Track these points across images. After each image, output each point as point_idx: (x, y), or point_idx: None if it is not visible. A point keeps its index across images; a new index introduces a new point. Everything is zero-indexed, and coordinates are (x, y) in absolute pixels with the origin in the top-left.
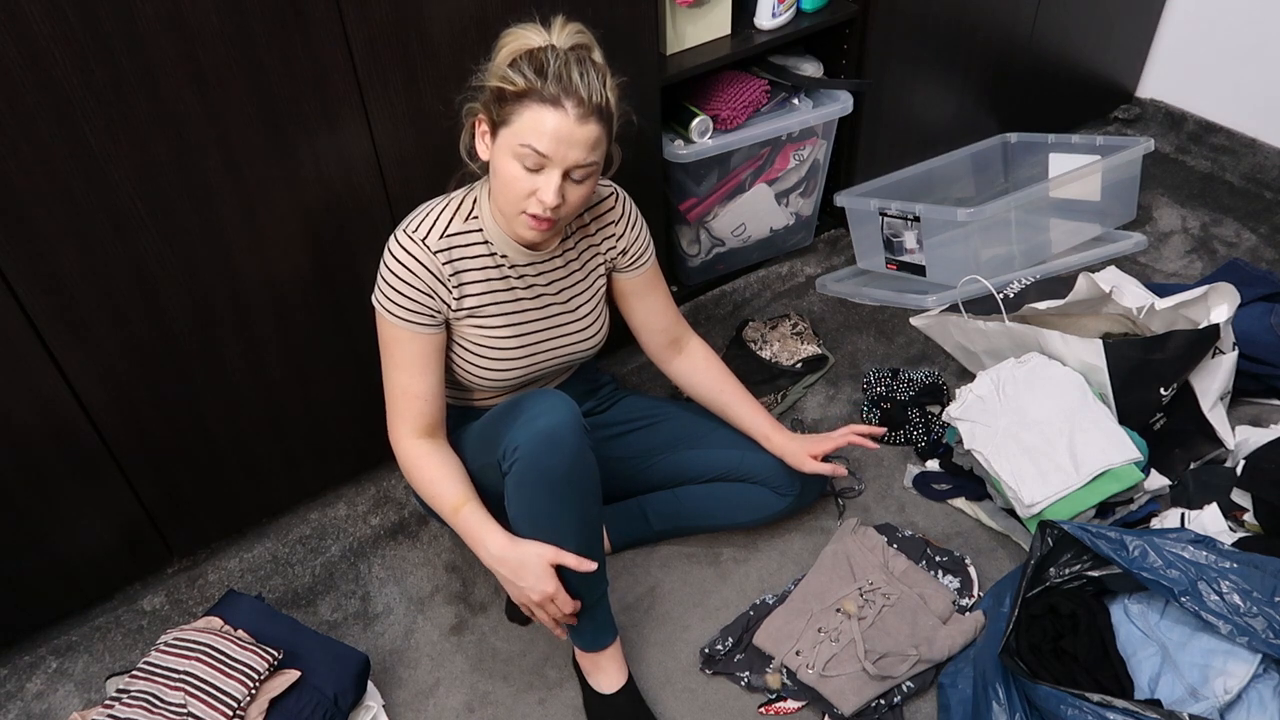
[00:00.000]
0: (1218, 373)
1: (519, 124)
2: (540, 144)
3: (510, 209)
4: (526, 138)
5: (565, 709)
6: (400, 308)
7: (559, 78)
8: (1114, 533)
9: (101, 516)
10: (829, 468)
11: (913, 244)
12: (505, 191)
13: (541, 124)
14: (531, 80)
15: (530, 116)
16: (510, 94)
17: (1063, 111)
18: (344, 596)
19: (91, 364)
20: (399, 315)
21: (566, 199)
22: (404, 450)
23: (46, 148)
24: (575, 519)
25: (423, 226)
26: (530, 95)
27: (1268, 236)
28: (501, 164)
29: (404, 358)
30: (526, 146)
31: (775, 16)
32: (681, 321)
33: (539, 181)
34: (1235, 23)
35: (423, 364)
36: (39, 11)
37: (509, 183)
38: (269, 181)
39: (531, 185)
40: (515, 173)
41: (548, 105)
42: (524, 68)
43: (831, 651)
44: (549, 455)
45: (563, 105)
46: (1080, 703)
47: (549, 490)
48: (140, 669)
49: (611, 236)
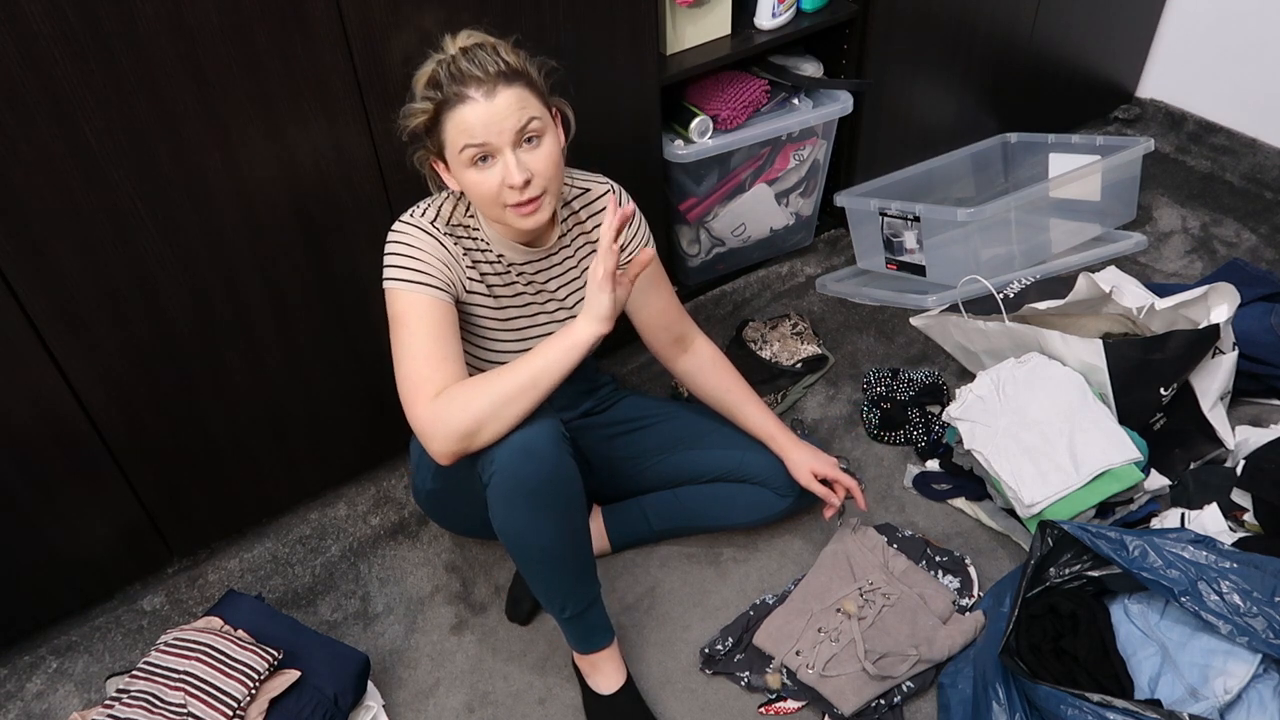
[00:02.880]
0: (1218, 373)
1: (450, 137)
2: (473, 138)
3: (494, 211)
4: (460, 141)
5: (565, 709)
6: (419, 273)
7: (452, 78)
8: (1114, 533)
9: (101, 516)
10: (824, 491)
11: (913, 244)
12: (482, 200)
13: (463, 122)
14: (433, 95)
15: (452, 125)
16: (428, 122)
17: (1063, 111)
18: (344, 596)
19: (91, 364)
20: (418, 280)
21: (533, 168)
22: (431, 407)
23: (46, 148)
24: (556, 529)
25: (428, 213)
26: (442, 108)
27: (1268, 236)
28: (464, 179)
29: (425, 326)
30: (466, 148)
31: (775, 16)
32: (686, 319)
33: (499, 171)
34: (1235, 23)
35: (447, 330)
36: (39, 11)
37: (478, 189)
38: (269, 181)
39: (495, 179)
40: (477, 177)
41: (458, 105)
42: (425, 92)
43: (831, 651)
44: (526, 466)
45: (467, 96)
46: (1080, 703)
47: (528, 501)
48: (140, 669)
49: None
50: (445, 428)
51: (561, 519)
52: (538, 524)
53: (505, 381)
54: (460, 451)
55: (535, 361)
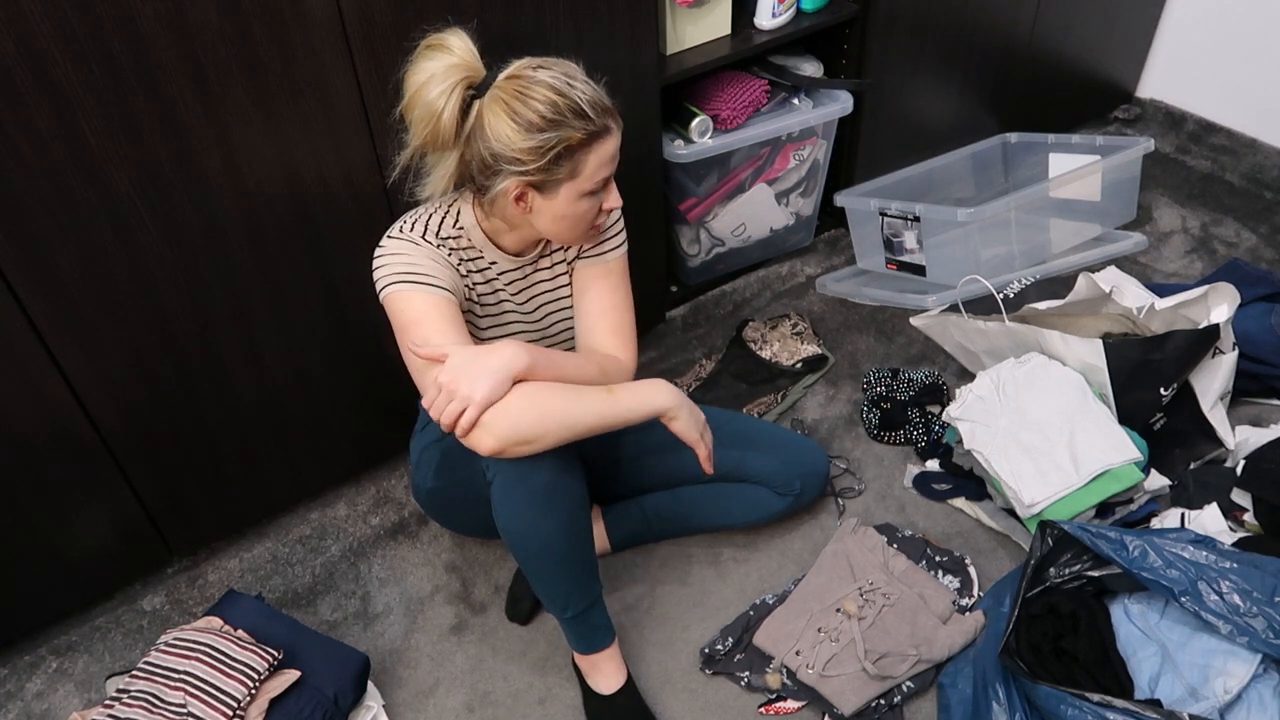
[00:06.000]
0: (1218, 373)
1: (591, 166)
2: (609, 170)
3: (577, 235)
4: (603, 171)
5: (565, 709)
6: (422, 273)
7: (595, 109)
8: (1114, 533)
9: (101, 516)
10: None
11: (913, 244)
12: (578, 226)
13: (604, 154)
14: (581, 126)
15: (596, 155)
16: (569, 149)
17: (1063, 111)
18: (344, 596)
19: (91, 364)
20: (423, 281)
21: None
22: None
23: (46, 148)
24: (560, 528)
25: (416, 227)
26: (590, 139)
27: (1268, 236)
28: (568, 209)
29: (442, 322)
30: (600, 180)
31: (775, 16)
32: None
33: (609, 197)
34: (1235, 23)
35: (463, 325)
36: (39, 11)
37: (582, 217)
38: (269, 181)
39: (604, 205)
40: (589, 204)
41: (605, 137)
42: (568, 119)
43: (831, 651)
44: (529, 465)
45: (609, 128)
46: (1080, 703)
47: (531, 500)
48: (140, 669)
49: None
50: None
51: (565, 518)
52: (541, 523)
53: (584, 410)
54: (504, 452)
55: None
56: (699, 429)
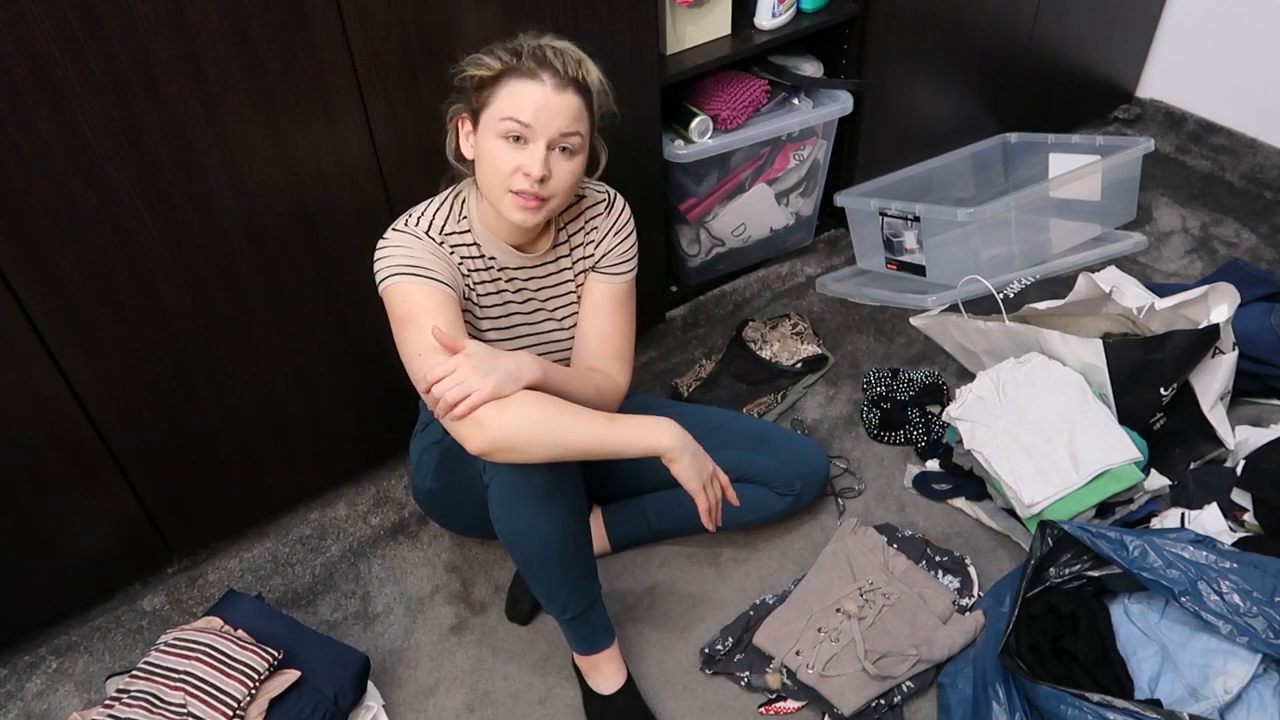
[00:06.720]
0: (1218, 373)
1: (499, 101)
2: (522, 114)
3: (497, 190)
4: (507, 110)
5: (565, 709)
6: (421, 267)
7: (534, 55)
8: (1114, 533)
9: (101, 516)
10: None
11: (913, 244)
12: (491, 173)
13: (520, 96)
14: (507, 60)
15: (509, 92)
16: (488, 79)
17: (1063, 111)
18: (344, 596)
19: (91, 364)
20: (422, 275)
21: (553, 173)
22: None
23: (46, 148)
24: (558, 529)
25: (421, 221)
26: (507, 73)
27: (1268, 236)
28: (486, 147)
29: (436, 315)
30: (508, 119)
31: (775, 16)
32: (614, 366)
33: (523, 156)
34: (1235, 23)
35: (460, 321)
36: (39, 11)
37: (494, 162)
38: (269, 181)
39: (516, 161)
40: (500, 150)
41: (525, 78)
42: (498, 52)
43: (831, 651)
44: (527, 466)
45: (539, 77)
46: (1080, 703)
47: (528, 502)
48: (140, 669)
49: (595, 231)
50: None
51: (563, 519)
52: (539, 525)
53: (579, 433)
54: (490, 455)
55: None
56: (703, 478)
